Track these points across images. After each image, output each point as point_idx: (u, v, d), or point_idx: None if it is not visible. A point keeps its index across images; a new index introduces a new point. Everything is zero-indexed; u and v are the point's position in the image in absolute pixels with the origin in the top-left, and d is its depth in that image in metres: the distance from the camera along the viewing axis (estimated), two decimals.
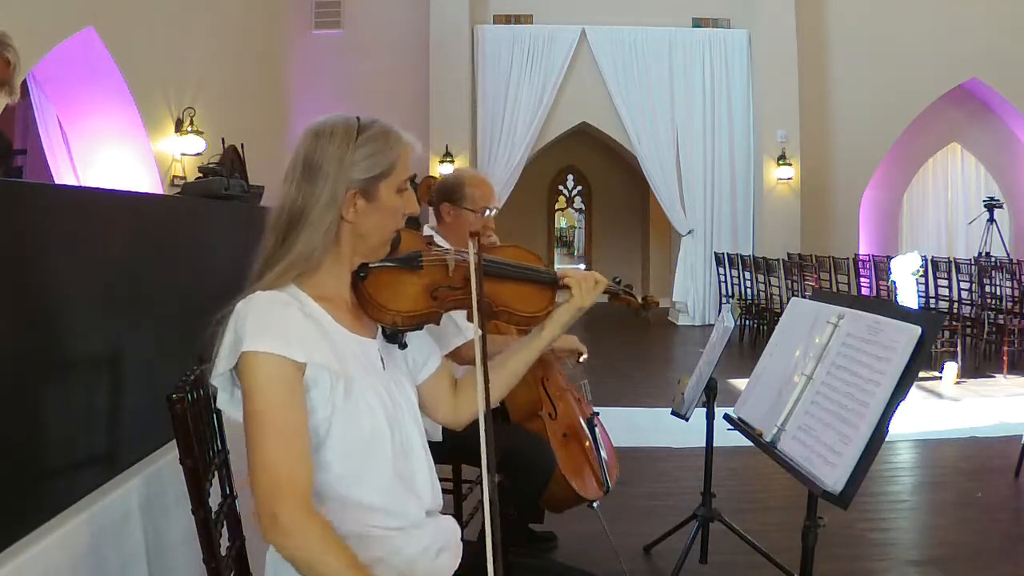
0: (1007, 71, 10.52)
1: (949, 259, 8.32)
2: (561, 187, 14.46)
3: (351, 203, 1.27)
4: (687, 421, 2.81)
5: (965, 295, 7.72)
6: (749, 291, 9.18)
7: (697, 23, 10.78)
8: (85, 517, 1.44)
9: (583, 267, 15.57)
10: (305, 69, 10.53)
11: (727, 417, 1.97)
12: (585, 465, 2.56)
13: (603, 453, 2.60)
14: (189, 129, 7.23)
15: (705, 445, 2.86)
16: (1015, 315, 7.20)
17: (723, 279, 10.12)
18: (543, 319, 1.49)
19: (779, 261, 8.86)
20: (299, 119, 10.25)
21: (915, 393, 5.87)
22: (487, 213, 2.41)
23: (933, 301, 7.78)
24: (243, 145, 3.60)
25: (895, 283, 7.03)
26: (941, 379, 6.35)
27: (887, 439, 1.45)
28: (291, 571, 1.26)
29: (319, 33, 10.83)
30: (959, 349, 6.79)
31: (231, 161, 3.35)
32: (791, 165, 10.56)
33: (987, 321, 7.38)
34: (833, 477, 1.43)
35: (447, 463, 2.56)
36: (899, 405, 1.42)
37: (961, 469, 4.20)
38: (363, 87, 10.31)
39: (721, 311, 3.41)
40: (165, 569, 1.63)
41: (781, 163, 10.55)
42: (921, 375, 6.27)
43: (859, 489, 1.40)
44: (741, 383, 4.09)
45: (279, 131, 9.89)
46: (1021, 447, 3.91)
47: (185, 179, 6.69)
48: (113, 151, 6.62)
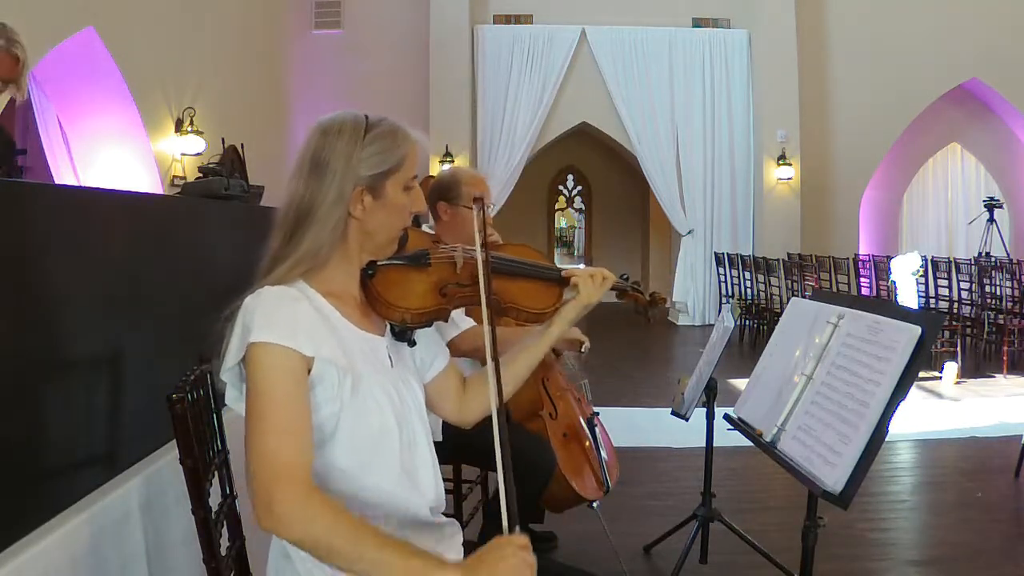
0: (1007, 71, 10.52)
1: (949, 259, 8.32)
2: (561, 187, 14.47)
3: (358, 200, 1.27)
4: (687, 421, 2.81)
5: (965, 295, 7.72)
6: (749, 291, 9.17)
7: (697, 23, 10.78)
8: (85, 517, 1.44)
9: (583, 267, 15.56)
10: (305, 69, 10.53)
11: (727, 417, 1.97)
12: (585, 465, 2.56)
13: (603, 453, 2.60)
14: (189, 129, 7.23)
15: (705, 445, 2.86)
16: (1015, 315, 7.20)
17: (723, 279, 10.12)
18: (551, 315, 1.49)
19: (779, 261, 8.86)
20: (299, 119, 10.25)
21: (915, 393, 5.87)
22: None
23: (933, 301, 7.78)
24: (243, 145, 3.59)
25: (895, 283, 7.03)
26: (941, 379, 6.35)
27: (887, 439, 1.45)
28: (292, 571, 1.27)
29: (319, 33, 10.83)
30: (959, 349, 6.79)
31: (231, 161, 3.34)
32: (791, 165, 10.56)
33: (987, 321, 7.38)
34: (833, 477, 1.43)
35: (448, 463, 2.56)
36: (899, 405, 1.42)
37: (961, 469, 4.20)
38: (363, 87, 10.31)
39: (721, 311, 3.41)
40: (165, 569, 1.63)
41: (781, 163, 10.55)
42: (921, 375, 6.26)
43: (859, 489, 1.41)
44: (741, 383, 4.09)
45: (279, 131, 9.89)
46: (1021, 447, 3.91)
47: (185, 179, 6.68)
48: (113, 151, 6.62)
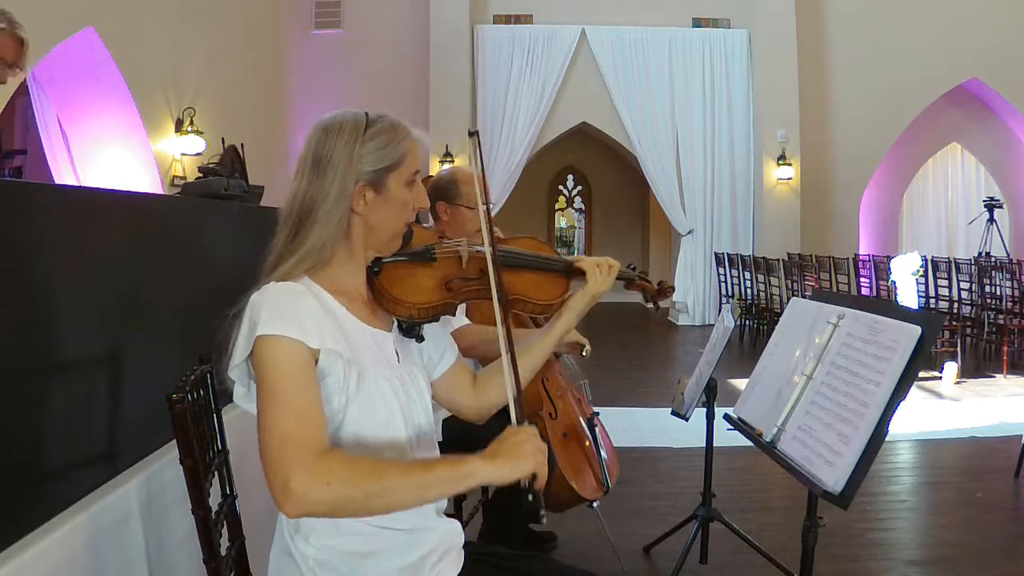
0: (1007, 71, 10.52)
1: (949, 259, 8.32)
2: (561, 187, 14.47)
3: (361, 196, 1.28)
4: (687, 421, 2.81)
5: (965, 295, 7.72)
6: (749, 291, 9.17)
7: (697, 23, 10.78)
8: (85, 517, 1.44)
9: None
10: (305, 69, 10.53)
11: (727, 417, 1.96)
12: (585, 465, 2.56)
13: (603, 453, 2.60)
14: (189, 129, 7.23)
15: (705, 445, 2.86)
16: (1015, 315, 7.19)
17: (723, 279, 10.12)
18: (559, 307, 1.50)
19: (779, 261, 8.85)
20: (299, 119, 10.25)
21: (915, 393, 5.87)
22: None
23: (933, 301, 7.77)
24: (243, 145, 3.59)
25: (895, 283, 7.03)
26: (941, 379, 6.35)
27: (887, 439, 1.45)
28: (295, 569, 1.27)
29: (319, 33, 10.83)
30: (959, 349, 6.79)
31: (231, 161, 3.34)
32: (791, 165, 10.56)
33: (987, 321, 7.38)
34: (833, 477, 1.43)
35: None
36: (899, 405, 1.42)
37: (961, 469, 4.20)
38: (363, 87, 10.31)
39: (721, 311, 3.40)
40: (165, 569, 1.63)
41: (781, 163, 10.55)
42: (921, 375, 6.27)
43: (859, 489, 1.40)
44: (741, 383, 4.09)
45: (279, 131, 9.89)
46: (1021, 447, 3.91)
47: (185, 179, 6.69)
48: (113, 151, 6.62)
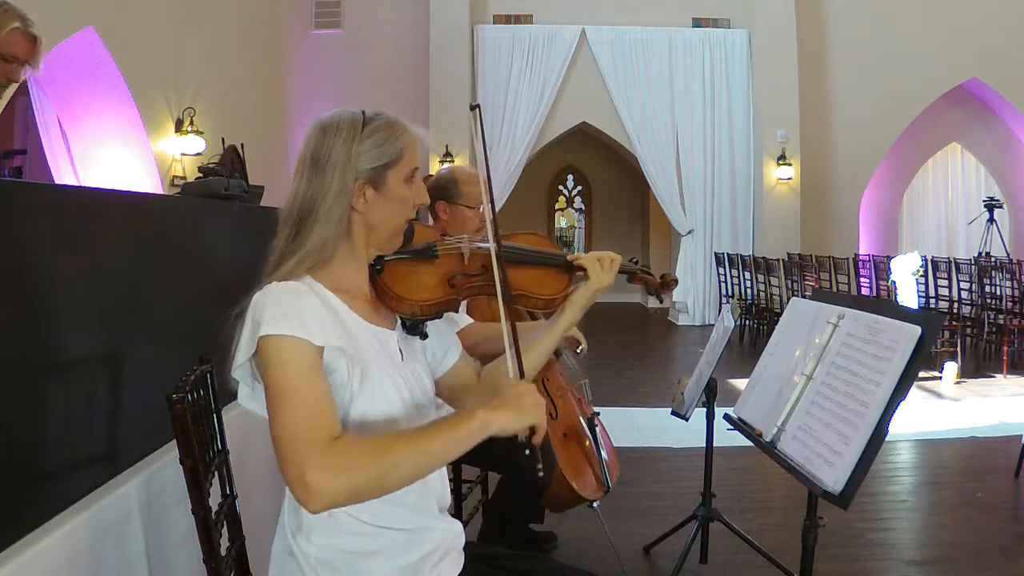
0: (1007, 71, 10.52)
1: (949, 259, 8.32)
2: (561, 187, 14.47)
3: (360, 193, 1.29)
4: (687, 421, 2.81)
5: (965, 295, 7.72)
6: (749, 291, 9.17)
7: (697, 23, 10.78)
8: (85, 517, 1.43)
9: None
10: (305, 69, 10.53)
11: (727, 417, 1.96)
12: (585, 465, 2.56)
13: (603, 453, 2.60)
14: (189, 129, 7.23)
15: (705, 445, 2.86)
16: (1015, 315, 7.19)
17: (723, 279, 10.11)
18: (561, 301, 1.50)
19: (779, 261, 8.86)
20: (299, 119, 10.25)
21: (915, 393, 5.87)
22: (483, 209, 2.39)
23: (933, 301, 7.78)
24: (243, 145, 3.58)
25: (895, 283, 7.03)
26: (941, 379, 6.35)
27: (887, 439, 1.45)
28: (296, 569, 1.27)
29: (319, 33, 10.83)
30: (959, 349, 6.79)
31: (231, 161, 3.33)
32: (791, 165, 10.56)
33: (987, 321, 7.38)
34: (833, 477, 1.43)
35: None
36: (899, 405, 1.42)
37: (961, 469, 4.20)
38: (363, 87, 10.31)
39: (721, 311, 3.40)
40: (165, 569, 1.63)
41: (781, 163, 10.55)
42: (921, 375, 6.27)
43: (859, 489, 1.40)
44: (741, 383, 4.09)
45: (279, 131, 9.89)
46: (1021, 447, 3.91)
47: (185, 179, 6.68)
48: (113, 151, 6.62)
